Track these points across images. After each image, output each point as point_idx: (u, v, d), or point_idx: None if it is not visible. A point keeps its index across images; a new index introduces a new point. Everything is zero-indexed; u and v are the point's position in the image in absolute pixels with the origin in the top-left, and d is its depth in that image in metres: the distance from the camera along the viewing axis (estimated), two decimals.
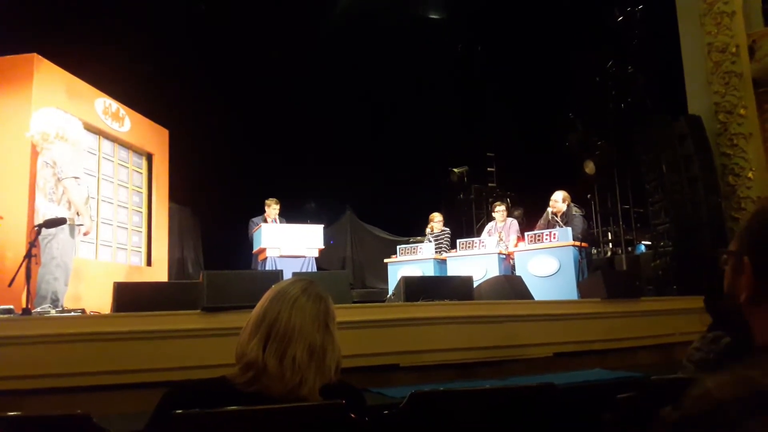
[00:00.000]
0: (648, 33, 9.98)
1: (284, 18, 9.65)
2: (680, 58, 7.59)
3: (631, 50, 10.45)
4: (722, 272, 1.08)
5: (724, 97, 7.07)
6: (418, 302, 4.37)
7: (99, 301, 5.79)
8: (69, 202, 5.13)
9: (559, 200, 7.32)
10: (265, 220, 7.84)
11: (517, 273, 6.90)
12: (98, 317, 4.21)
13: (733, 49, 7.04)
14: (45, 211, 4.99)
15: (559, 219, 7.26)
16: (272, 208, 7.91)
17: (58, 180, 5.09)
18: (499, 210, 8.10)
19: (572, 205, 7.42)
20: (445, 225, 8.56)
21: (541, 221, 7.34)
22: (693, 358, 2.14)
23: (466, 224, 12.50)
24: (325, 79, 10.30)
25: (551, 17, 10.24)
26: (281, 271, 4.72)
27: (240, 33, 9.48)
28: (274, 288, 1.67)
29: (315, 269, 7.54)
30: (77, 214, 5.18)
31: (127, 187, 7.73)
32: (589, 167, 11.15)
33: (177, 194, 9.28)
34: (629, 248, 10.71)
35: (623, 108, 10.58)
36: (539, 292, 6.02)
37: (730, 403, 0.83)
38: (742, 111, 6.93)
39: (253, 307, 1.65)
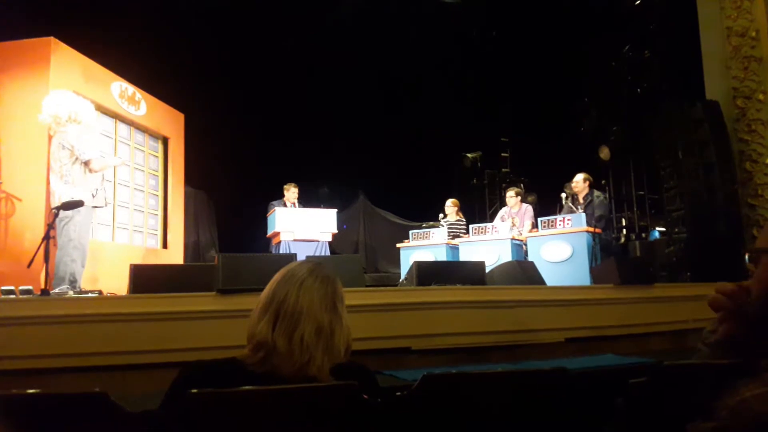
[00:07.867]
0: (666, 17, 9.82)
1: (299, 3, 9.62)
2: (698, 42, 7.47)
3: (649, 34, 10.29)
4: (746, 270, 0.96)
5: (742, 82, 6.95)
6: (431, 287, 4.39)
7: (116, 282, 5.87)
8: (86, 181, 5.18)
9: (580, 181, 7.31)
10: (284, 204, 7.90)
11: (530, 258, 6.89)
12: (115, 298, 4.27)
13: (753, 33, 6.91)
14: (61, 193, 5.04)
15: (581, 200, 7.23)
16: (291, 192, 8.00)
17: (77, 160, 5.14)
18: (511, 195, 8.07)
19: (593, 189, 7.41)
20: (461, 212, 8.51)
21: (564, 211, 7.31)
22: (708, 340, 2.13)
23: (478, 209, 12.47)
24: (339, 64, 10.26)
25: (567, 1, 10.12)
26: (295, 254, 4.77)
27: (255, 18, 9.46)
28: (282, 270, 1.70)
29: (328, 253, 7.60)
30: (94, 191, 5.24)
31: (143, 171, 7.79)
32: (604, 153, 11.06)
33: (192, 178, 9.36)
34: (643, 234, 10.63)
35: (639, 93, 10.45)
36: (552, 277, 6.01)
37: None
38: (761, 96, 6.82)
39: None
